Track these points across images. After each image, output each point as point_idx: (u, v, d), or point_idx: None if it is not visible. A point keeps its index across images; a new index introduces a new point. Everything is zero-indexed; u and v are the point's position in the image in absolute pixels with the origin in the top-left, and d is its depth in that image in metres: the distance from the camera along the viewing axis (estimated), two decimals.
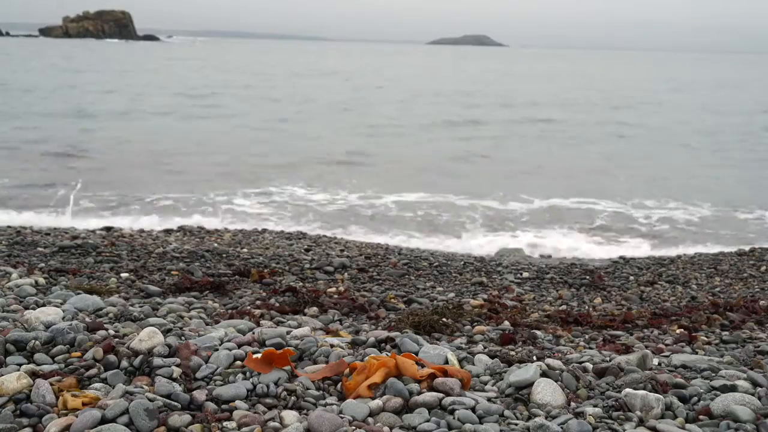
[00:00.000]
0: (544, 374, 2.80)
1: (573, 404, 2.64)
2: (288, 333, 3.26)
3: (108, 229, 9.09)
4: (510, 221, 12.11)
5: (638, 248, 10.41)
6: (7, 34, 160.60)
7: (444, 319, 4.55)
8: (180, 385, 2.54)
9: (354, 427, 2.30)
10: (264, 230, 9.75)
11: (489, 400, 2.63)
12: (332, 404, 2.50)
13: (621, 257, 8.93)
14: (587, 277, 7.12)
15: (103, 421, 2.20)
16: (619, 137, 23.99)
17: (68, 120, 23.06)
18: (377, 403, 2.49)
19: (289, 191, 13.80)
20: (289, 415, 2.36)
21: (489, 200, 13.50)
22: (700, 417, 2.55)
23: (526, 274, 7.13)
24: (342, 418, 2.35)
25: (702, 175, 17.61)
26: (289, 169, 16.03)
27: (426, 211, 12.55)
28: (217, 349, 2.87)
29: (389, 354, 2.98)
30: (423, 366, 2.79)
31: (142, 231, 9.16)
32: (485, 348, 3.71)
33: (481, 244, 10.23)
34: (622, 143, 22.87)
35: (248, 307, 4.78)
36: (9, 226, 8.75)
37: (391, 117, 27.46)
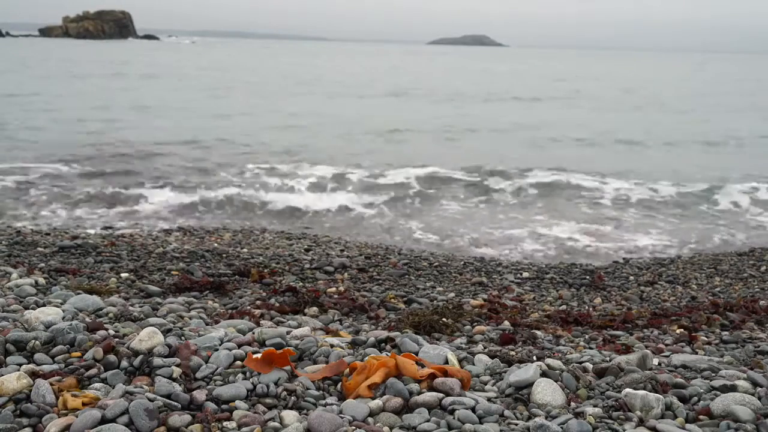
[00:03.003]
0: (544, 374, 2.80)
1: (573, 404, 2.64)
2: (288, 333, 3.26)
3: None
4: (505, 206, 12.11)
5: (640, 247, 10.40)
6: (8, 34, 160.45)
7: (444, 319, 4.55)
8: (180, 385, 2.54)
9: (354, 427, 2.30)
10: (264, 230, 9.75)
11: (489, 400, 2.63)
12: (332, 404, 2.49)
13: (619, 259, 8.93)
14: (587, 277, 7.12)
15: (103, 421, 2.20)
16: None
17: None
18: (377, 403, 2.49)
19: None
20: (289, 415, 2.36)
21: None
22: (700, 417, 2.55)
23: (526, 274, 7.14)
24: (342, 418, 2.35)
25: None
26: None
27: None
28: (217, 349, 2.87)
29: (389, 354, 2.98)
30: (423, 366, 2.79)
31: (140, 229, 9.16)
32: (485, 348, 3.71)
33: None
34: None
35: (248, 307, 4.78)
36: (9, 226, 8.75)
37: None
